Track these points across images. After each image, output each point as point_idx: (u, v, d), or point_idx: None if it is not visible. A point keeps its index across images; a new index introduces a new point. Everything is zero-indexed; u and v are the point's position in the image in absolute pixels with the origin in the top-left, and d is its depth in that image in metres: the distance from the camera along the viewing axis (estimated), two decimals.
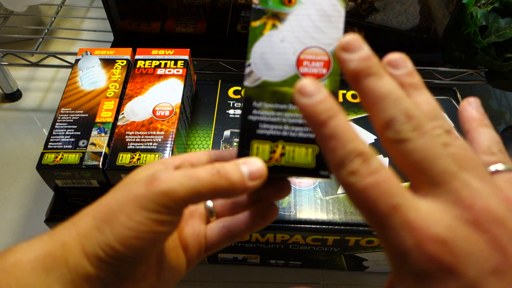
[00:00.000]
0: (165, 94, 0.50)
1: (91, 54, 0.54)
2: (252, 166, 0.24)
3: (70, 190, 0.47)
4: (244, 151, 0.25)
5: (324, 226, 0.47)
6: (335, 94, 0.25)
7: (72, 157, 0.44)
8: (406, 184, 0.18)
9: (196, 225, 0.28)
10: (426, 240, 0.16)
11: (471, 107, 0.23)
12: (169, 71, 0.52)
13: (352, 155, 0.18)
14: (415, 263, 0.17)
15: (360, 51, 0.20)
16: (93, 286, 0.22)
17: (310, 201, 0.48)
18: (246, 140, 0.25)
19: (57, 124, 0.47)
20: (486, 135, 0.22)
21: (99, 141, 0.45)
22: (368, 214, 0.18)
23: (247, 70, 0.26)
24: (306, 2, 0.26)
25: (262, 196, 0.28)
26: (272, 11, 0.26)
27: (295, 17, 0.26)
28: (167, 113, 0.48)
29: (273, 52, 0.26)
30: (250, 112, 0.25)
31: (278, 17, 0.26)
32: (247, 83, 0.26)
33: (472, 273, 0.16)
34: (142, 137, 0.46)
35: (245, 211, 0.28)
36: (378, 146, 0.53)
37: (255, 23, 0.26)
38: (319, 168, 0.25)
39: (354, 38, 0.20)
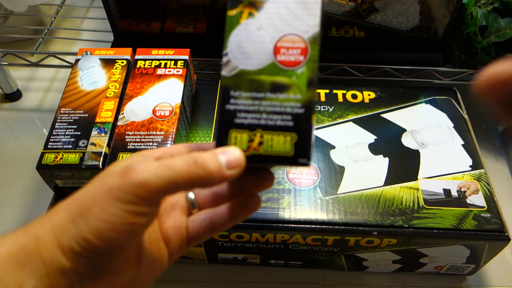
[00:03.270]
0: (165, 94, 0.50)
1: (91, 54, 0.54)
2: (230, 155, 0.24)
3: (70, 190, 0.47)
4: (222, 141, 0.25)
5: (324, 226, 0.47)
6: (313, 82, 0.25)
7: (72, 157, 0.44)
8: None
9: (177, 218, 0.28)
10: None
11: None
12: (169, 71, 0.52)
13: None
14: None
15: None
16: (69, 279, 0.21)
17: (310, 201, 0.48)
18: (224, 129, 0.25)
19: (57, 124, 0.47)
20: None
21: (99, 141, 0.45)
22: None
23: (224, 59, 0.26)
24: None
25: (244, 188, 0.28)
26: (248, 0, 0.26)
27: (271, 5, 0.26)
28: (167, 113, 0.48)
29: (250, 41, 0.26)
30: (228, 102, 0.25)
31: (254, 6, 0.26)
32: (224, 72, 0.26)
33: None
34: (142, 137, 0.46)
35: (227, 202, 0.28)
36: (378, 146, 0.53)
37: (232, 12, 0.26)
38: (298, 156, 0.25)
39: None
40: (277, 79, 0.25)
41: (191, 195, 0.29)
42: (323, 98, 0.59)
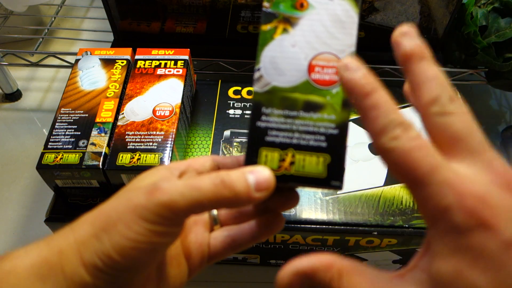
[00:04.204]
0: (165, 94, 0.50)
1: (91, 54, 0.54)
2: (259, 175, 0.23)
3: (70, 190, 0.47)
4: (251, 159, 0.24)
5: (324, 226, 0.47)
6: (348, 102, 0.24)
7: (72, 157, 0.44)
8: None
9: (199, 233, 0.27)
10: (466, 196, 0.17)
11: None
12: (169, 71, 0.52)
13: (394, 123, 0.19)
14: (455, 217, 0.17)
15: (415, 39, 0.21)
16: None
17: (310, 201, 0.48)
18: (254, 147, 0.24)
19: (57, 124, 0.47)
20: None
21: (99, 141, 0.45)
22: (408, 175, 0.19)
23: (257, 74, 0.25)
24: (319, 7, 0.25)
25: (268, 206, 0.27)
26: (283, 15, 0.25)
27: (307, 22, 0.25)
28: (167, 113, 0.48)
29: (284, 57, 0.25)
30: (259, 118, 0.25)
31: (289, 22, 0.25)
32: (256, 88, 0.25)
33: (509, 230, 0.17)
34: (142, 137, 0.46)
35: (250, 220, 0.28)
36: None
37: (266, 27, 0.26)
38: (331, 178, 0.24)
39: (409, 27, 0.21)
40: (311, 98, 0.25)
41: (214, 211, 0.28)
42: None
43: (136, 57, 0.54)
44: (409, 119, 0.20)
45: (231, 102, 0.58)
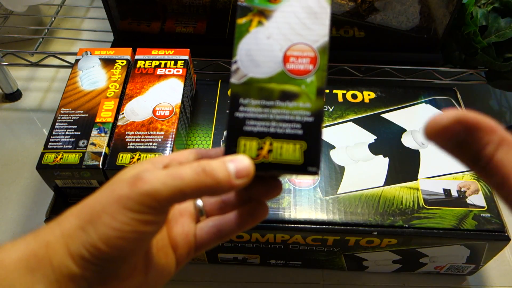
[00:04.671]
0: (165, 94, 0.50)
1: (91, 54, 0.54)
2: (239, 163, 0.23)
3: (70, 190, 0.47)
4: (231, 149, 0.25)
5: (324, 226, 0.47)
6: (322, 91, 0.25)
7: (72, 157, 0.44)
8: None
9: (185, 224, 0.28)
10: None
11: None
12: (169, 71, 0.52)
13: None
14: None
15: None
16: (78, 285, 0.22)
17: (310, 201, 0.48)
18: (233, 137, 0.25)
19: (57, 124, 0.47)
20: None
21: (99, 141, 0.45)
22: None
23: (234, 67, 0.26)
24: None
25: (252, 195, 0.28)
26: (258, 8, 0.26)
27: (281, 14, 0.26)
28: (167, 113, 0.48)
29: (260, 49, 0.26)
30: (237, 109, 0.25)
31: (264, 14, 0.26)
32: (233, 80, 0.26)
33: None
34: (142, 137, 0.46)
35: (235, 210, 0.28)
36: (378, 146, 0.53)
37: (241, 20, 0.26)
38: (307, 164, 0.25)
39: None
40: (287, 87, 0.25)
41: (199, 202, 0.29)
42: None
43: (136, 57, 0.54)
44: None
45: None
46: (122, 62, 0.53)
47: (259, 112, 0.25)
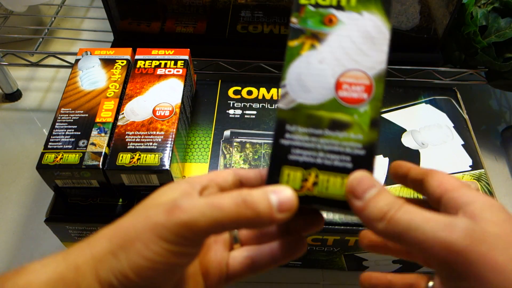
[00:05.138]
0: (165, 94, 0.50)
1: (91, 54, 0.54)
2: (282, 195, 0.22)
3: (70, 190, 0.47)
4: (273, 178, 0.24)
5: (324, 226, 0.47)
6: (376, 122, 0.23)
7: (72, 157, 0.44)
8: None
9: (219, 252, 0.27)
10: None
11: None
12: (169, 71, 0.52)
13: None
14: None
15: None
16: None
17: None
18: (277, 165, 0.24)
19: (57, 124, 0.47)
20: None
21: (99, 141, 0.45)
22: None
23: (282, 91, 0.24)
24: (349, 22, 0.24)
25: (291, 227, 0.26)
26: (311, 31, 0.25)
27: (335, 38, 0.24)
28: (167, 113, 0.48)
29: (311, 74, 0.24)
30: (283, 136, 0.24)
31: (317, 37, 0.24)
32: (281, 105, 0.24)
33: None
34: (142, 137, 0.46)
35: (271, 241, 0.27)
36: (379, 146, 0.53)
37: (293, 43, 0.25)
38: None
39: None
40: (338, 116, 0.24)
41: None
42: None
43: (136, 57, 0.54)
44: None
45: (231, 102, 0.58)
46: (122, 62, 0.53)
47: (306, 140, 0.24)
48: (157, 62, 0.53)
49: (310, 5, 0.25)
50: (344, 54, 0.24)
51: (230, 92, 0.60)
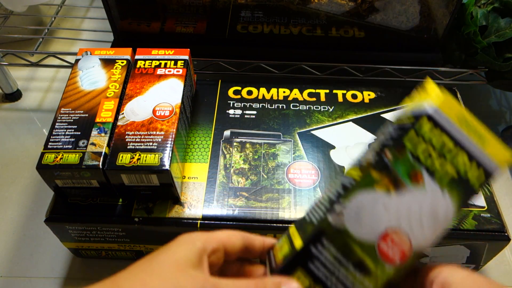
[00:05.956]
0: (165, 94, 0.50)
1: (91, 54, 0.54)
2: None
3: (70, 190, 0.47)
4: (288, 270, 0.25)
5: None
6: (390, 285, 0.25)
7: (72, 157, 0.44)
8: None
9: None
10: None
11: None
12: (169, 71, 0.52)
13: None
14: None
15: None
16: None
17: (310, 201, 0.48)
18: (295, 263, 0.25)
19: (57, 124, 0.47)
20: None
21: (99, 141, 0.45)
22: None
23: (338, 208, 0.25)
24: (429, 191, 0.24)
25: None
26: (396, 176, 0.25)
27: (410, 198, 0.25)
28: (167, 113, 0.48)
29: (371, 213, 0.25)
30: (316, 245, 0.25)
31: (396, 185, 0.25)
32: (331, 218, 0.25)
33: None
34: (142, 137, 0.46)
35: None
36: None
37: (375, 173, 0.25)
38: None
39: None
40: (367, 260, 0.25)
41: None
42: (323, 98, 0.59)
43: (136, 57, 0.54)
44: None
45: (231, 102, 0.58)
46: (122, 62, 0.53)
47: (330, 261, 0.25)
48: (157, 62, 0.53)
49: (410, 153, 0.24)
50: (406, 215, 0.25)
51: (230, 92, 0.60)
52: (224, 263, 0.29)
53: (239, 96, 0.59)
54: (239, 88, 0.60)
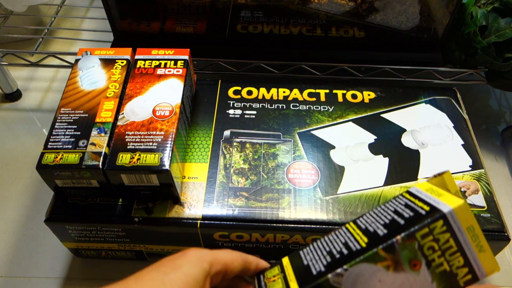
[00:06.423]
0: (165, 94, 0.50)
1: (91, 54, 0.54)
2: None
3: (70, 190, 0.47)
4: None
5: (324, 226, 0.47)
6: None
7: (72, 157, 0.44)
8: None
9: None
10: None
11: None
12: (169, 71, 0.52)
13: None
14: None
15: None
16: None
17: (310, 201, 0.48)
18: None
19: (57, 124, 0.47)
20: None
21: (99, 141, 0.45)
22: None
23: (340, 271, 0.27)
24: (421, 277, 0.27)
25: None
26: (398, 259, 0.27)
27: (403, 278, 0.27)
28: (167, 113, 0.48)
29: (367, 282, 0.27)
30: None
31: (396, 267, 0.27)
32: (331, 280, 0.27)
33: None
34: (142, 137, 0.46)
35: None
36: (378, 146, 0.53)
37: (382, 252, 0.27)
38: None
39: None
40: None
41: None
42: (323, 98, 0.59)
43: (136, 57, 0.54)
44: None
45: (231, 102, 0.58)
46: (122, 62, 0.53)
47: None
48: (157, 62, 0.53)
49: (418, 244, 0.27)
50: None
51: (230, 92, 0.60)
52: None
53: (239, 96, 0.59)
54: (239, 88, 0.60)
